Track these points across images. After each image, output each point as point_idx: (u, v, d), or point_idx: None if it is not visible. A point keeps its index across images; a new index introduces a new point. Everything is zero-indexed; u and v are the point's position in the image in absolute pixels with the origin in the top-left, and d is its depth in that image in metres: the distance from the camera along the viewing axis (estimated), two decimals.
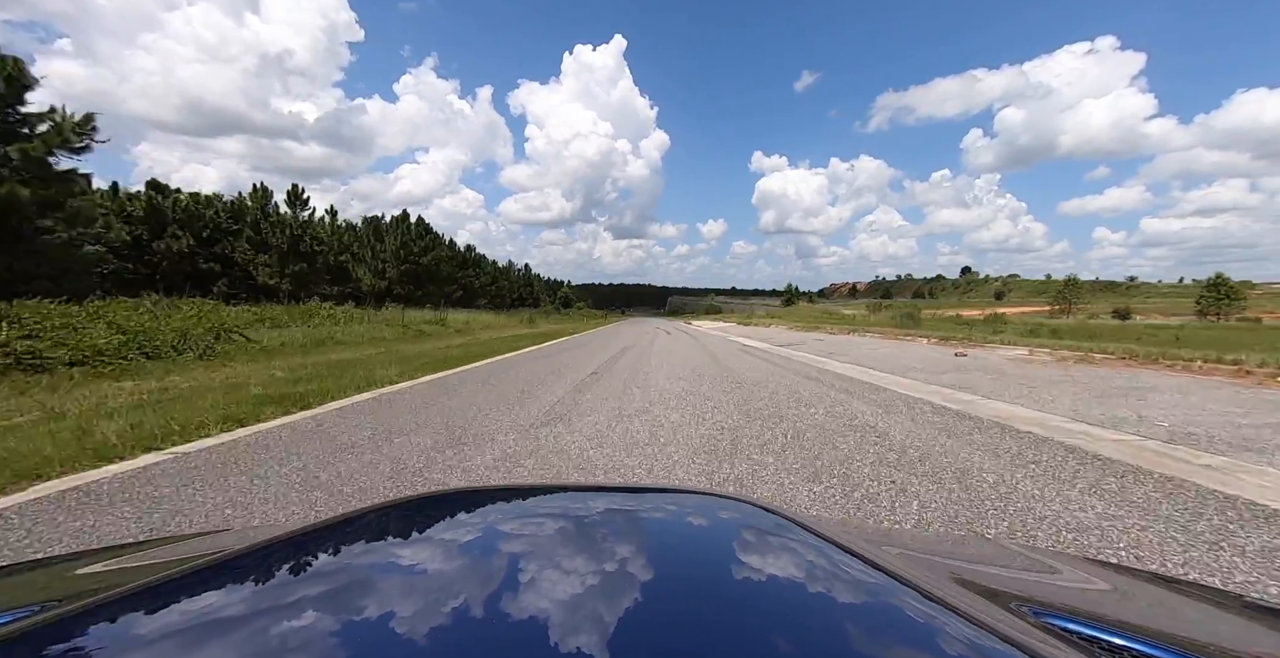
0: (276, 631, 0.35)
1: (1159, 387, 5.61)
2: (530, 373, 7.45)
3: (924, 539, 1.13)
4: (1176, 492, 2.45)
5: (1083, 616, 0.52)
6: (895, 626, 0.39)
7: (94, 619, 0.38)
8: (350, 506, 2.33)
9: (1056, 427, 3.83)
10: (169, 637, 0.35)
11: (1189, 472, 2.75)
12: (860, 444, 3.37)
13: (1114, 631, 0.48)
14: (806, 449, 3.25)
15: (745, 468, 2.88)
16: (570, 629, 0.34)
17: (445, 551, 0.48)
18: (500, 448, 3.28)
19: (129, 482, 2.64)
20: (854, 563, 0.48)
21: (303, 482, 2.63)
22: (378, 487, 2.57)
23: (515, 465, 2.92)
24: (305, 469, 2.83)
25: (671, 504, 0.67)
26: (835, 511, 2.27)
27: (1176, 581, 0.81)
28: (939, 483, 2.61)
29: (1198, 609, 0.66)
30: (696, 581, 0.45)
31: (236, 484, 2.59)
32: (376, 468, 2.86)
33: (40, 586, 0.61)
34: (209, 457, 3.07)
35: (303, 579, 0.44)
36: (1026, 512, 2.22)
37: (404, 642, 0.34)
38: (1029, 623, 0.44)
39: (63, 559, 0.69)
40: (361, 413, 4.40)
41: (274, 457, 3.07)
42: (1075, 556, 1.12)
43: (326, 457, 3.07)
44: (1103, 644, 0.45)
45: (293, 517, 2.20)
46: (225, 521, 2.15)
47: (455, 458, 3.06)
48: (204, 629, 0.35)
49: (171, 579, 0.44)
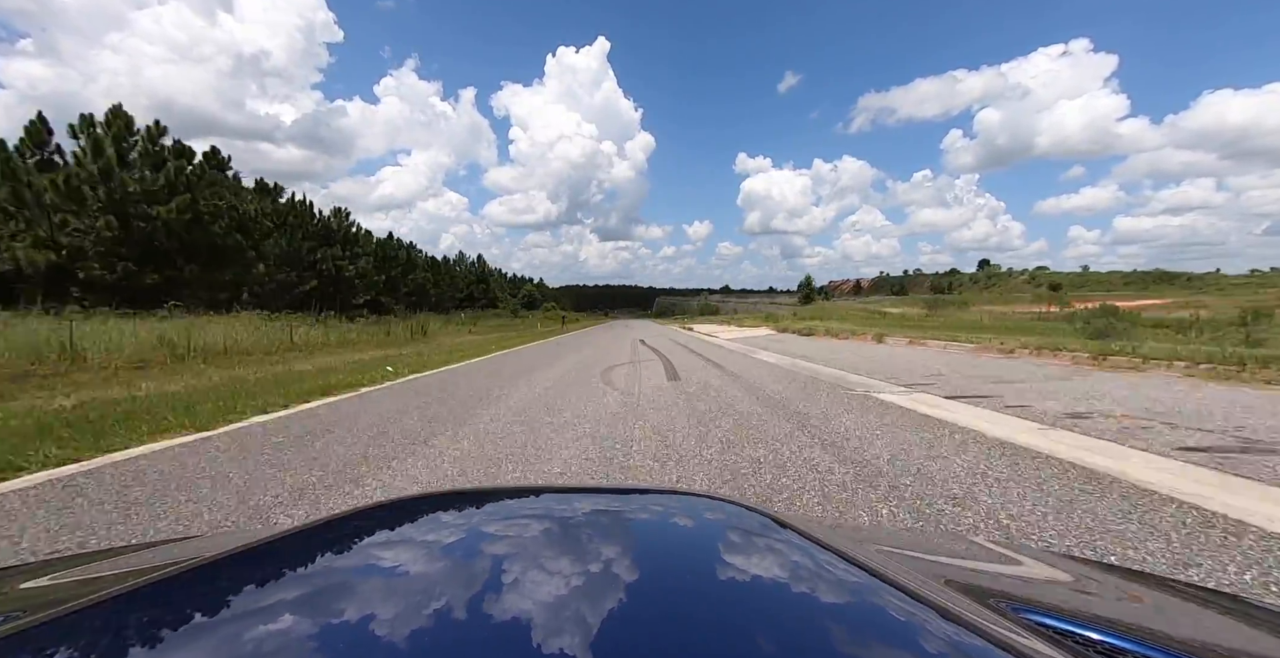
0: (257, 634, 0.34)
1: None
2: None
3: (904, 538, 1.17)
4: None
5: (1060, 612, 0.53)
6: (877, 623, 0.40)
7: (62, 628, 0.37)
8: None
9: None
10: (157, 637, 0.35)
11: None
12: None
13: (1090, 626, 0.48)
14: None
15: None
16: (554, 630, 0.34)
17: (429, 553, 0.48)
18: None
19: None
20: (837, 562, 0.48)
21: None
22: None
23: None
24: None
25: (657, 505, 0.67)
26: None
27: (1155, 577, 0.83)
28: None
29: (1175, 605, 0.67)
30: (680, 580, 0.45)
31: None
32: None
33: (12, 594, 0.58)
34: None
35: (285, 583, 0.43)
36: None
37: (387, 645, 0.33)
38: (1008, 619, 0.44)
39: (26, 569, 0.66)
40: None
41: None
42: (1053, 553, 1.14)
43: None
44: (1079, 639, 0.46)
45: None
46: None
47: None
48: (182, 635, 0.35)
49: (150, 584, 0.43)
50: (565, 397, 5.78)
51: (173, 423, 4.20)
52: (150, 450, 3.50)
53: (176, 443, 3.70)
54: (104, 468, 3.10)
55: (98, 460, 3.25)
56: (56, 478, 2.92)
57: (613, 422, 4.39)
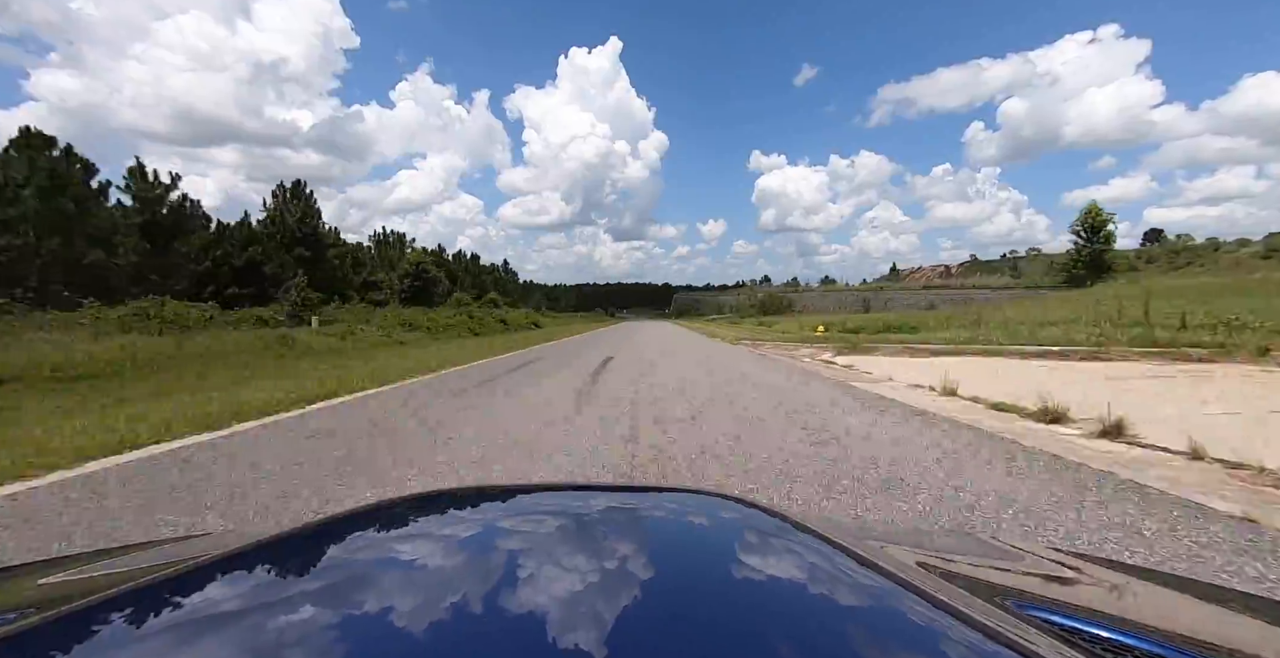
0: (274, 629, 0.35)
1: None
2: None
3: (910, 535, 1.21)
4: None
5: (1068, 609, 0.53)
6: (891, 623, 0.39)
7: (82, 622, 0.37)
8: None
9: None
10: (160, 636, 0.35)
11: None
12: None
13: (1098, 623, 0.48)
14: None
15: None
16: (566, 627, 0.34)
17: (442, 549, 0.48)
18: None
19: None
20: (849, 562, 0.48)
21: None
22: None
23: None
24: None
25: (668, 503, 0.68)
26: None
27: (1161, 573, 0.83)
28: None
29: (1182, 601, 0.67)
30: (693, 578, 0.45)
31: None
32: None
33: (13, 593, 0.58)
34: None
35: (300, 578, 0.44)
36: None
37: (402, 640, 0.33)
38: (1013, 616, 0.44)
39: (39, 566, 0.67)
40: None
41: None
42: (1057, 549, 1.13)
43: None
44: (1086, 636, 0.45)
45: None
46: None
47: None
48: (198, 628, 0.35)
49: (155, 582, 0.43)
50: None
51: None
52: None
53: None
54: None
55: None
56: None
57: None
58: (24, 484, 3.00)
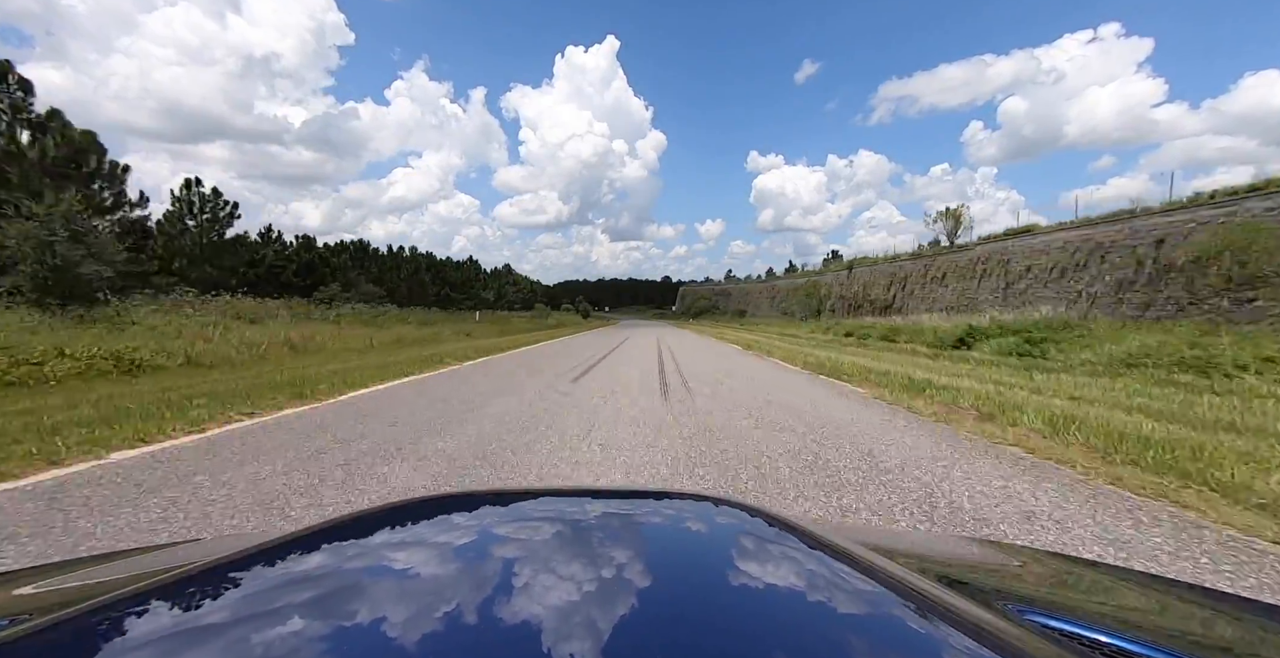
0: (268, 637, 0.34)
1: None
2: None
3: (908, 538, 1.23)
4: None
5: (1064, 612, 0.53)
6: (890, 629, 0.40)
7: (77, 628, 0.37)
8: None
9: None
10: (157, 643, 0.35)
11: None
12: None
13: (1095, 626, 0.48)
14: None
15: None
16: (565, 634, 0.34)
17: (440, 556, 0.48)
18: None
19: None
20: (848, 567, 0.48)
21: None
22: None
23: None
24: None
25: (667, 508, 0.67)
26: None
27: (1157, 577, 0.83)
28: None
29: (1177, 605, 0.66)
30: (691, 584, 0.45)
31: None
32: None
33: (6, 600, 0.57)
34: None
35: (296, 585, 0.43)
36: None
37: (402, 647, 0.33)
38: (1011, 620, 0.45)
39: (31, 572, 0.66)
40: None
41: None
42: (1055, 553, 1.14)
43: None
44: (1084, 641, 0.46)
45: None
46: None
47: None
48: (189, 638, 0.35)
49: (156, 587, 0.43)
50: None
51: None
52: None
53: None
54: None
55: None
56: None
57: None
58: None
